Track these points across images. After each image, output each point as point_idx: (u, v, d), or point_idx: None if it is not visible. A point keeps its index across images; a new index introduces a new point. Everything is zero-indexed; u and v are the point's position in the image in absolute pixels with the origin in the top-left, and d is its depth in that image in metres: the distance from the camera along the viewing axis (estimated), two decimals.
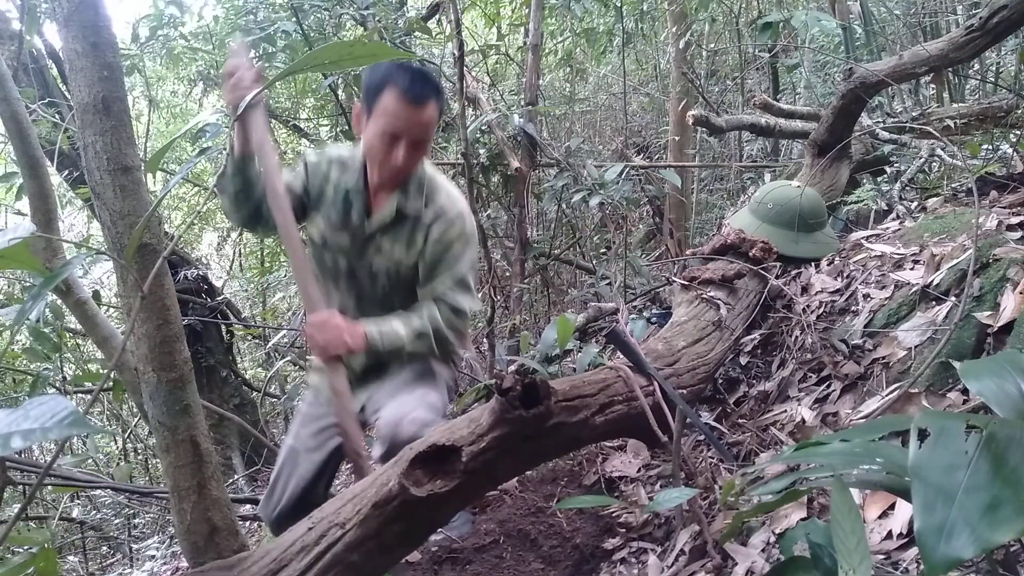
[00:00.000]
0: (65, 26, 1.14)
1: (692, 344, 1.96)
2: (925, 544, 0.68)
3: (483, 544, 2.04)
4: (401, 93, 1.65)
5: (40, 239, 1.78)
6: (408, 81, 1.66)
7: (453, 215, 1.81)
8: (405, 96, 1.66)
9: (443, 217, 1.80)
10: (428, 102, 1.68)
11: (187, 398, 1.29)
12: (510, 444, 1.32)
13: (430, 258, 1.81)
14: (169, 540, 3.48)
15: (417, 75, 1.68)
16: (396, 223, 1.82)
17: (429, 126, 1.73)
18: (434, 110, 1.72)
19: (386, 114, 1.68)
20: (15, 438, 0.73)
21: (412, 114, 1.68)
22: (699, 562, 1.54)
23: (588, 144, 5.46)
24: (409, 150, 1.71)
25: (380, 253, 1.84)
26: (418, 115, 1.68)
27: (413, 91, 1.66)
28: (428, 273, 1.82)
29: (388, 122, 1.68)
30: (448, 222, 1.80)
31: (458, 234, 1.81)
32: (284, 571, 1.27)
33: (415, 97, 1.66)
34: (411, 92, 1.66)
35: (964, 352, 1.65)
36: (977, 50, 2.48)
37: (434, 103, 1.71)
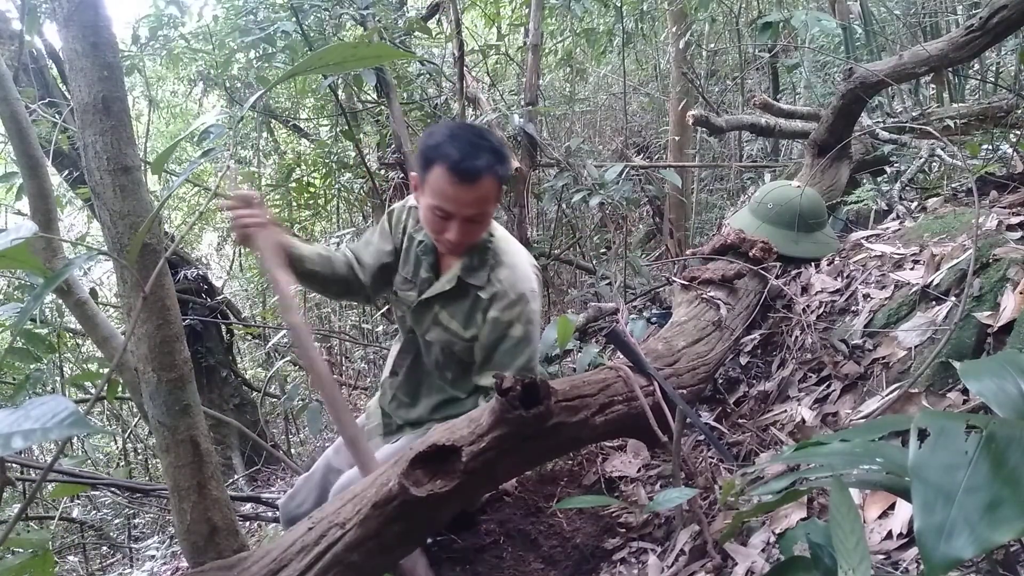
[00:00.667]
0: (65, 26, 1.14)
1: (692, 344, 1.96)
2: (925, 544, 0.68)
3: (483, 544, 2.04)
4: (450, 170, 1.52)
5: (40, 239, 1.78)
6: (458, 156, 1.52)
7: (514, 296, 1.66)
8: (454, 174, 1.52)
9: (502, 296, 1.66)
10: (481, 178, 1.54)
11: (187, 398, 1.29)
12: (510, 444, 1.32)
13: (486, 340, 1.68)
14: (169, 540, 3.48)
15: (469, 149, 1.53)
16: (457, 293, 1.71)
17: (484, 203, 1.59)
18: (490, 186, 1.57)
19: (435, 192, 1.56)
20: (16, 438, 0.73)
21: (462, 193, 1.54)
22: (699, 562, 1.54)
23: (588, 144, 5.46)
24: (463, 226, 1.59)
25: (437, 324, 1.75)
26: (469, 193, 1.55)
27: (462, 168, 1.52)
28: (485, 357, 1.70)
29: (437, 200, 1.56)
30: (507, 302, 1.65)
31: (517, 317, 1.65)
32: (284, 571, 1.28)
33: (465, 175, 1.52)
34: (460, 169, 1.52)
35: (964, 352, 1.65)
36: (977, 50, 2.48)
37: (490, 178, 1.56)
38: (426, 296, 1.75)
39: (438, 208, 1.58)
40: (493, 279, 1.68)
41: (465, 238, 1.62)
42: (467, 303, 1.70)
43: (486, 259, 1.70)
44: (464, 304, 1.71)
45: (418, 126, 4.82)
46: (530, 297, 1.68)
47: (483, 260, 1.70)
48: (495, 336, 1.67)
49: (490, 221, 1.67)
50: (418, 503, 1.25)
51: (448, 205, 1.56)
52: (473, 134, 1.58)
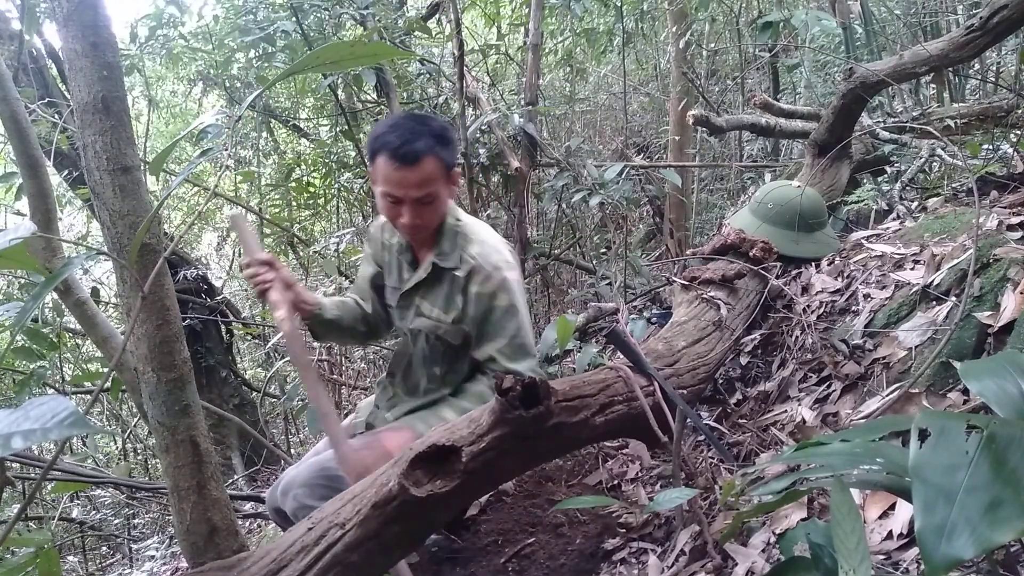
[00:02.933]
0: (65, 26, 1.14)
1: (692, 344, 1.96)
2: (926, 544, 0.68)
3: (483, 544, 2.04)
4: (391, 156, 1.60)
5: (40, 239, 1.78)
6: (397, 142, 1.59)
7: (489, 268, 1.70)
8: (395, 159, 1.60)
9: (477, 272, 1.71)
10: (421, 161, 1.61)
11: (187, 398, 1.28)
12: (510, 444, 1.32)
13: (474, 319, 1.72)
14: (169, 540, 3.47)
15: (407, 133, 1.61)
16: (434, 280, 1.76)
17: (428, 183, 1.64)
18: (431, 165, 1.63)
19: (382, 179, 1.64)
20: (15, 438, 0.73)
21: (404, 175, 1.61)
22: (699, 562, 1.54)
23: (588, 144, 5.46)
24: (414, 210, 1.66)
25: (420, 314, 1.80)
26: (411, 175, 1.61)
27: (402, 152, 1.59)
28: (478, 333, 1.74)
29: (385, 186, 1.65)
30: (484, 276, 1.70)
31: (498, 287, 1.70)
32: (284, 571, 1.27)
33: (404, 158, 1.59)
34: (400, 154, 1.59)
35: (964, 352, 1.65)
36: (977, 50, 2.48)
37: (429, 158, 1.62)
38: (407, 288, 1.82)
39: (387, 194, 1.66)
40: (465, 257, 1.74)
41: (419, 220, 1.69)
42: (445, 287, 1.77)
43: (456, 242, 1.76)
44: (442, 289, 1.77)
45: None
46: (505, 267, 1.73)
47: (453, 243, 1.76)
48: (482, 309, 1.72)
49: (443, 203, 1.73)
50: (418, 503, 1.24)
51: (395, 190, 1.64)
52: (414, 121, 1.66)
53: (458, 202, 2.02)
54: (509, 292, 1.71)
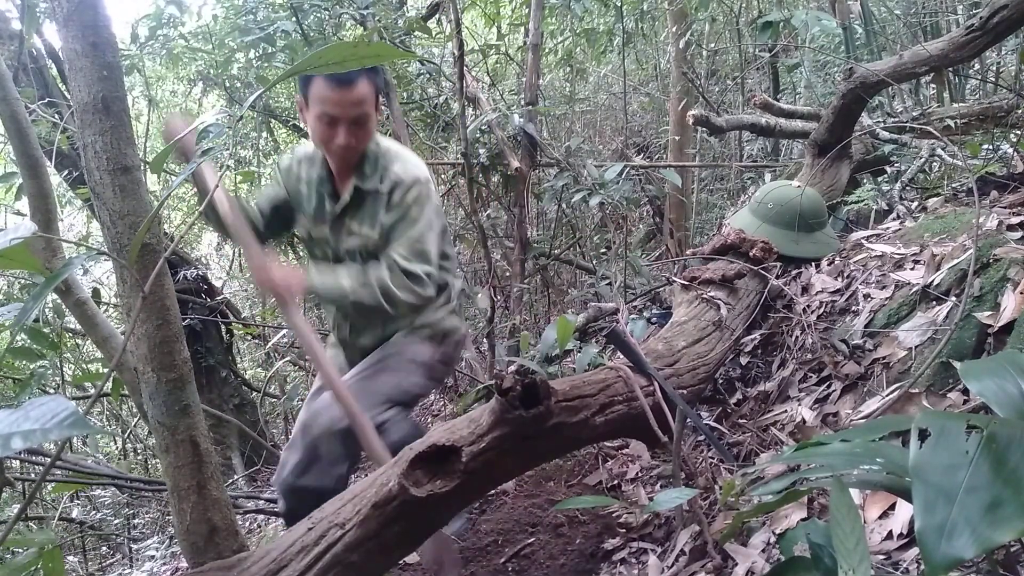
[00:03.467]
0: (65, 26, 1.14)
1: (692, 344, 1.96)
2: (926, 544, 0.68)
3: (483, 544, 2.04)
4: (326, 78, 1.71)
5: (40, 239, 1.78)
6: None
7: (409, 181, 1.83)
8: (331, 79, 1.70)
9: (399, 184, 1.83)
10: (357, 81, 1.72)
11: (187, 398, 1.28)
12: (510, 444, 1.32)
13: (388, 224, 1.84)
14: (169, 540, 3.47)
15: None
16: (358, 202, 1.87)
17: (363, 103, 1.75)
18: (366, 87, 1.74)
19: (318, 100, 1.74)
20: (15, 439, 0.73)
21: (342, 95, 1.72)
22: (699, 562, 1.54)
23: (588, 144, 5.46)
24: (349, 130, 1.76)
25: (351, 234, 1.90)
26: (348, 95, 1.72)
27: (339, 72, 1.68)
28: (386, 238, 1.85)
29: (321, 107, 1.74)
30: (404, 188, 1.82)
31: (414, 198, 1.82)
32: (284, 571, 1.27)
33: (340, 79, 1.70)
34: (337, 75, 1.70)
35: (964, 352, 1.65)
36: (977, 50, 2.48)
37: (364, 80, 1.74)
38: (337, 213, 1.90)
39: (324, 114, 1.75)
40: (387, 175, 1.85)
41: (354, 140, 1.78)
42: (370, 207, 1.86)
43: (377, 163, 1.86)
44: (368, 209, 1.87)
45: (418, 126, 4.82)
46: (424, 182, 1.85)
47: (375, 166, 1.86)
48: (398, 215, 1.83)
49: (373, 125, 1.82)
50: (418, 503, 1.24)
51: (332, 109, 1.73)
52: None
53: (455, 202, 2.05)
54: (422, 203, 1.83)
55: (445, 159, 4.98)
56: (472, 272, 5.09)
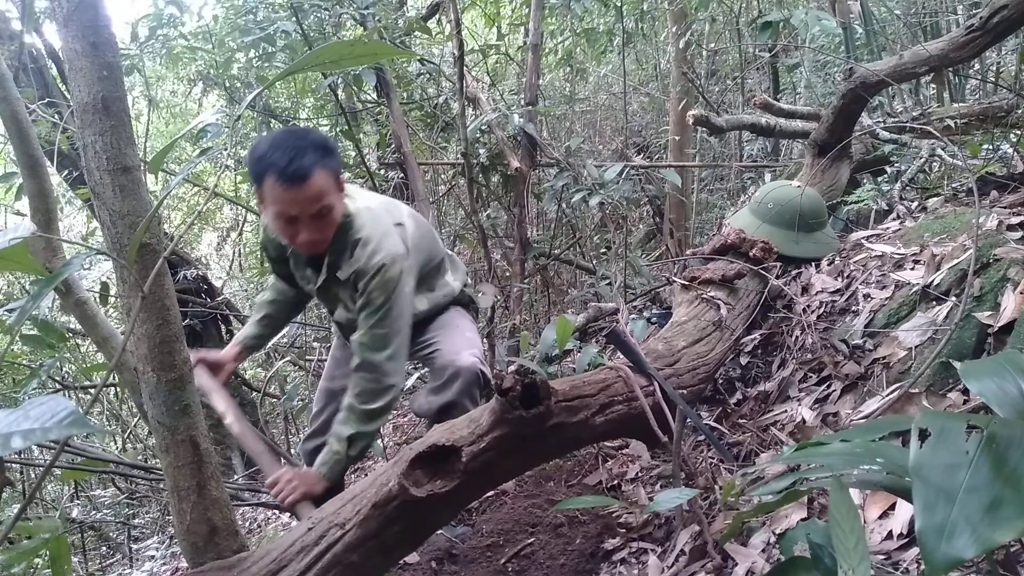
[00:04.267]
0: (65, 26, 1.14)
1: (692, 344, 1.96)
2: (926, 544, 0.68)
3: (483, 544, 2.04)
4: (279, 176, 1.59)
5: (40, 239, 1.78)
6: (283, 162, 1.58)
7: (371, 270, 1.75)
8: (283, 178, 1.59)
9: (363, 274, 1.76)
10: (311, 175, 1.60)
11: (187, 398, 1.28)
12: (510, 444, 1.32)
13: (359, 310, 1.79)
14: (169, 540, 3.47)
15: (291, 150, 1.60)
16: (332, 283, 1.85)
17: (320, 197, 1.64)
18: (322, 180, 1.63)
19: (273, 200, 1.64)
20: (15, 438, 0.73)
21: (295, 194, 1.61)
22: (699, 562, 1.54)
23: (588, 144, 5.46)
24: (311, 225, 1.67)
25: (341, 304, 1.90)
26: (302, 192, 1.61)
27: (288, 172, 1.59)
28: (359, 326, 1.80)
29: (277, 208, 1.65)
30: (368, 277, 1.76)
31: (377, 287, 1.75)
32: (284, 571, 1.27)
33: (292, 177, 1.59)
34: (287, 174, 1.59)
35: (964, 352, 1.65)
36: (977, 50, 2.48)
37: (320, 172, 1.62)
38: (318, 286, 1.89)
39: (281, 214, 1.66)
40: (353, 260, 1.78)
41: (318, 235, 1.71)
42: (346, 285, 1.83)
43: (345, 242, 1.78)
44: (345, 286, 1.84)
45: (418, 126, 4.82)
46: (388, 265, 1.75)
47: (343, 244, 1.79)
48: (362, 303, 1.78)
49: (337, 212, 1.73)
50: (418, 503, 1.25)
51: (289, 208, 1.64)
52: (292, 136, 1.66)
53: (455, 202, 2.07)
54: (387, 290, 1.77)
55: (445, 159, 4.99)
56: (472, 272, 5.09)
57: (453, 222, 5.24)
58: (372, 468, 3.31)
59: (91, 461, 2.38)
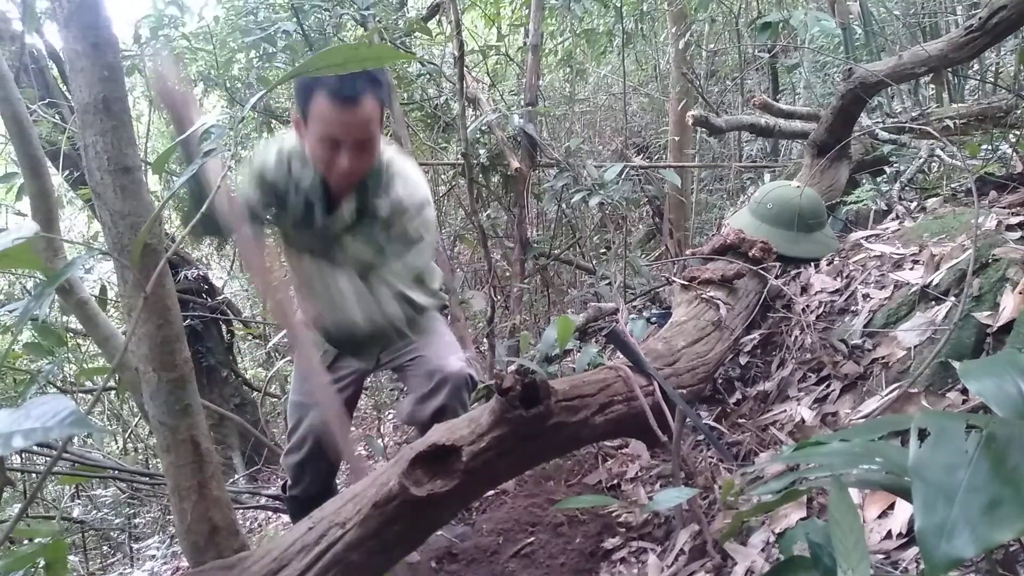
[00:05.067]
0: (66, 26, 1.14)
1: (692, 344, 1.96)
2: (925, 543, 0.68)
3: (483, 544, 2.04)
4: (331, 95, 1.54)
5: (41, 239, 1.78)
6: (337, 81, 1.53)
7: (414, 207, 1.74)
8: (336, 98, 1.54)
9: (403, 211, 1.73)
10: (362, 100, 1.56)
11: (187, 398, 1.28)
12: (510, 444, 1.32)
13: (389, 245, 1.77)
14: (169, 540, 3.48)
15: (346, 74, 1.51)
16: (359, 222, 1.77)
17: (369, 124, 1.61)
18: (372, 107, 1.59)
19: (320, 120, 1.58)
20: (16, 437, 0.74)
21: (347, 116, 1.57)
22: (699, 562, 1.55)
23: (588, 144, 5.47)
24: (354, 153, 1.62)
25: (347, 250, 1.81)
26: (354, 115, 1.57)
27: (343, 91, 1.54)
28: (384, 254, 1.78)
29: (324, 129, 1.58)
30: (409, 216, 1.74)
31: (422, 225, 1.75)
32: (284, 571, 1.28)
33: (347, 98, 1.54)
34: (342, 92, 1.54)
35: (963, 352, 1.65)
36: (977, 50, 2.48)
37: (370, 98, 1.58)
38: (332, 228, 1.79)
39: (326, 137, 1.59)
40: (392, 195, 1.73)
41: (359, 164, 1.64)
42: (371, 227, 1.76)
43: (380, 180, 1.73)
44: (369, 229, 1.76)
45: (418, 126, 4.82)
46: (427, 205, 1.77)
47: (377, 182, 1.73)
48: (400, 241, 1.75)
49: (378, 145, 1.69)
50: (418, 503, 1.25)
51: (336, 131, 1.59)
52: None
53: (455, 202, 2.06)
54: (426, 228, 1.77)
55: (445, 159, 4.99)
56: (472, 272, 5.10)
57: (453, 222, 5.25)
58: (372, 468, 3.31)
59: (90, 468, 2.39)
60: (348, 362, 2.00)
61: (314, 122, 1.59)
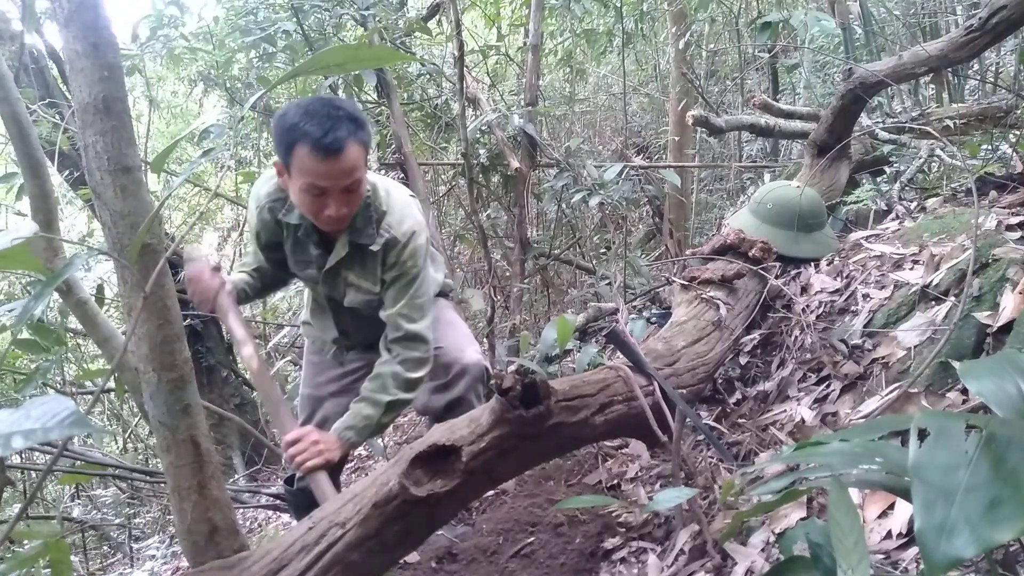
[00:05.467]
0: (66, 26, 1.14)
1: (692, 344, 1.96)
2: (925, 543, 0.68)
3: (483, 544, 2.04)
4: (313, 147, 1.51)
5: (41, 239, 1.78)
6: (319, 132, 1.51)
7: (404, 238, 1.74)
8: (318, 149, 1.51)
9: (394, 244, 1.74)
10: (346, 147, 1.54)
11: (187, 398, 1.29)
12: (510, 444, 1.32)
13: (389, 284, 1.77)
14: (169, 540, 3.48)
15: (326, 120, 1.53)
16: (353, 256, 1.77)
17: (355, 171, 1.59)
18: (356, 153, 1.57)
19: (304, 172, 1.55)
20: (16, 438, 0.74)
21: (332, 166, 1.54)
22: (699, 562, 1.55)
23: (588, 144, 5.47)
24: (340, 198, 1.61)
25: (351, 286, 1.82)
26: (338, 164, 1.54)
27: (326, 141, 1.51)
28: (391, 299, 1.78)
29: (308, 180, 1.56)
30: (400, 247, 1.74)
31: (410, 256, 1.75)
32: (284, 571, 1.28)
33: (329, 148, 1.51)
34: (324, 143, 1.50)
35: (963, 352, 1.65)
36: (976, 50, 2.48)
37: (354, 144, 1.55)
38: (328, 268, 1.80)
39: (312, 187, 1.58)
40: (381, 231, 1.74)
41: (346, 209, 1.64)
42: (366, 260, 1.77)
43: (369, 215, 1.74)
44: (364, 262, 1.77)
45: (418, 126, 4.82)
46: (418, 232, 1.77)
47: (366, 218, 1.73)
48: (395, 275, 1.76)
49: (364, 186, 1.68)
50: (418, 503, 1.25)
51: (321, 181, 1.57)
52: (326, 106, 1.58)
53: (455, 202, 2.05)
54: (418, 258, 1.77)
55: (445, 159, 4.99)
56: (472, 272, 5.10)
57: (453, 222, 5.25)
58: (372, 468, 3.31)
59: (91, 465, 2.39)
60: (361, 354, 2.01)
61: (297, 173, 1.58)
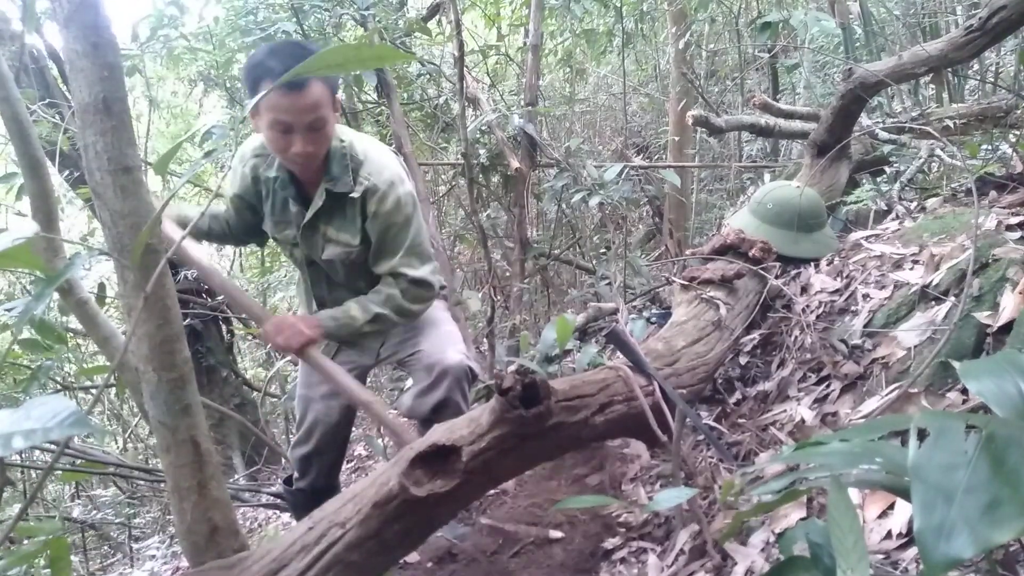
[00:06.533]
0: (65, 27, 1.14)
1: (692, 344, 1.96)
2: (925, 544, 0.68)
3: (483, 544, 2.04)
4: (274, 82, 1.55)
5: (41, 239, 1.78)
6: (282, 67, 1.55)
7: (384, 186, 1.75)
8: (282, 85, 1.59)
9: (373, 191, 1.75)
10: (308, 84, 1.58)
11: (187, 398, 1.28)
12: (510, 444, 1.32)
13: (375, 235, 1.78)
14: (169, 540, 3.48)
15: (289, 58, 1.57)
16: (332, 207, 1.78)
17: (317, 107, 1.62)
18: (319, 90, 1.62)
19: (269, 107, 1.61)
20: (16, 438, 0.74)
21: (293, 101, 1.59)
22: (699, 562, 1.55)
23: (588, 144, 5.47)
24: (307, 136, 1.65)
25: (329, 241, 1.83)
26: (300, 100, 1.59)
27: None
28: (378, 250, 1.80)
29: (273, 115, 1.62)
30: (381, 195, 1.75)
31: (394, 204, 1.76)
32: (284, 571, 1.28)
33: (291, 82, 1.54)
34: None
35: (963, 352, 1.65)
36: (976, 50, 2.48)
37: (317, 82, 1.60)
38: (307, 220, 1.81)
39: (277, 122, 1.62)
40: (359, 179, 1.76)
41: (311, 147, 1.67)
42: (345, 211, 1.78)
43: (345, 163, 1.76)
44: (343, 213, 1.79)
45: (418, 126, 4.82)
46: (398, 181, 1.77)
47: (342, 166, 1.76)
48: (382, 226, 1.77)
49: (331, 127, 1.71)
50: (418, 503, 1.25)
51: (285, 116, 1.61)
52: (291, 46, 1.65)
53: (455, 202, 2.06)
54: (404, 207, 1.77)
55: (445, 159, 4.99)
56: (472, 272, 5.10)
57: (453, 222, 5.25)
58: (372, 468, 3.31)
59: (91, 463, 2.38)
60: (349, 356, 2.02)
61: (263, 109, 1.63)
